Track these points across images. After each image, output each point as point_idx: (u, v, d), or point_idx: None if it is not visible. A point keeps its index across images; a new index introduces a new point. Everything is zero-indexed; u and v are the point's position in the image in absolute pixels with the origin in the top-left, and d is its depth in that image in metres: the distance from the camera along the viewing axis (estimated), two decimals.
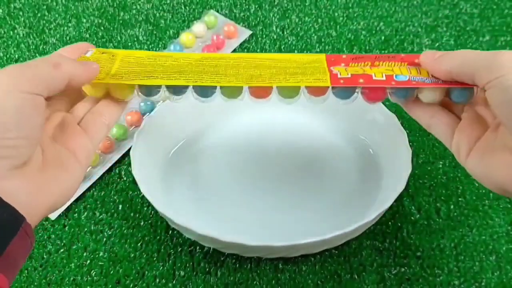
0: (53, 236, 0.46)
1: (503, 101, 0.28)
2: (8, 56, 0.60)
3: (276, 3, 0.66)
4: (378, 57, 0.36)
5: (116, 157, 0.51)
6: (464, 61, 0.31)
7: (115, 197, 0.48)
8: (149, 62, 0.37)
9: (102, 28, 0.64)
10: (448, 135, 0.34)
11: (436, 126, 0.35)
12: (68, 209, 0.47)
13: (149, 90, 0.36)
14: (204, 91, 0.35)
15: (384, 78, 0.34)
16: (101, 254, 0.44)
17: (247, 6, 0.66)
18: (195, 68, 0.36)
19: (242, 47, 0.61)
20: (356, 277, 0.43)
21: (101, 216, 0.47)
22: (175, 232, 0.46)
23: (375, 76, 0.34)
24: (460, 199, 0.47)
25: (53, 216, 0.47)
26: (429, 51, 0.34)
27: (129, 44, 0.62)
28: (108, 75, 0.35)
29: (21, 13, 0.65)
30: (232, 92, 0.35)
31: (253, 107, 0.51)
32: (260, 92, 0.35)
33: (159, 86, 0.35)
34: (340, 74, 0.35)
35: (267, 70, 0.36)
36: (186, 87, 0.35)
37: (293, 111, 0.49)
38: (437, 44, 0.61)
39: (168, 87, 0.35)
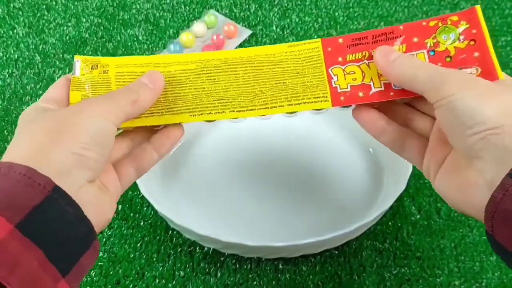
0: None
1: (448, 122, 0.29)
2: (7, 56, 0.60)
3: (276, 2, 0.66)
4: (375, 42, 0.35)
5: None
6: (416, 74, 0.31)
7: None
8: None
9: (102, 27, 0.63)
10: (419, 158, 0.34)
11: (408, 151, 0.35)
12: None
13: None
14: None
15: (382, 88, 0.34)
16: (100, 254, 0.44)
17: (247, 6, 0.66)
18: (195, 88, 0.35)
19: (242, 47, 0.61)
20: (356, 277, 0.43)
21: None
22: (175, 232, 0.45)
23: (373, 85, 0.34)
24: None
25: None
26: (384, 48, 0.33)
27: (129, 43, 0.62)
28: None
29: (20, 12, 0.65)
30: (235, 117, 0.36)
31: None
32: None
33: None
34: (340, 87, 0.34)
35: (267, 84, 0.35)
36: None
37: None
38: None
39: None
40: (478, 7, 0.33)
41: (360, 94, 0.34)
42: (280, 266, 0.43)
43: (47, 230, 0.25)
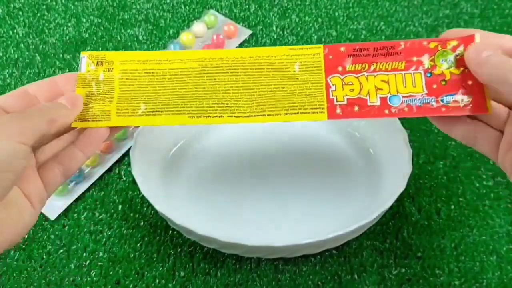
0: (52, 236, 0.45)
1: None
2: (7, 56, 0.60)
3: (276, 2, 0.66)
4: (376, 55, 0.35)
5: (115, 157, 0.50)
6: (507, 76, 0.29)
7: (114, 197, 0.48)
8: (148, 80, 0.36)
9: (102, 27, 0.63)
10: (493, 151, 0.33)
11: (479, 144, 0.34)
12: (67, 209, 0.47)
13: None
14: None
15: (378, 103, 0.34)
16: (100, 254, 0.44)
17: (247, 6, 0.66)
18: (195, 88, 0.36)
19: (242, 47, 0.61)
20: (356, 277, 0.43)
21: (100, 216, 0.47)
22: (175, 232, 0.45)
23: (369, 100, 0.34)
24: (460, 199, 0.47)
25: (52, 216, 0.47)
26: (479, 46, 0.32)
27: (129, 43, 0.62)
28: (112, 103, 0.35)
29: (20, 12, 0.65)
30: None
31: None
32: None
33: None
34: (337, 100, 0.35)
35: (266, 88, 0.35)
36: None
37: None
38: None
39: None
40: (477, 35, 0.34)
41: (356, 108, 0.35)
42: (280, 266, 0.43)
43: None
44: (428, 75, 0.34)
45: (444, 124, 0.35)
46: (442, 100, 0.34)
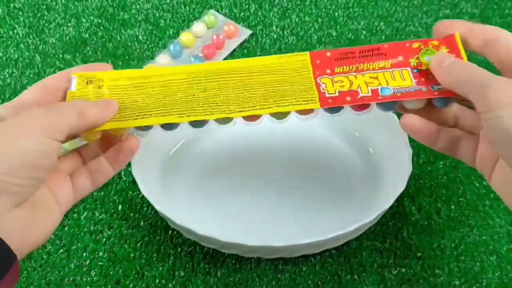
0: (52, 236, 0.45)
1: (496, 137, 0.28)
2: (7, 56, 0.60)
3: (276, 2, 0.66)
4: (362, 56, 0.36)
5: None
6: (467, 80, 0.30)
7: (114, 197, 0.48)
8: (137, 93, 0.36)
9: (102, 28, 0.63)
10: (471, 157, 0.33)
11: (459, 151, 0.34)
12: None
13: (144, 128, 0.35)
14: (198, 123, 0.35)
15: (369, 93, 0.34)
16: (100, 254, 0.44)
17: (247, 6, 0.66)
18: (185, 95, 0.35)
19: (242, 47, 0.61)
20: (356, 277, 0.43)
21: (100, 216, 0.47)
22: (175, 232, 0.45)
23: (361, 91, 0.34)
24: (460, 199, 0.47)
25: None
26: (442, 55, 0.33)
27: (129, 43, 0.62)
28: None
29: (20, 12, 0.65)
30: (224, 121, 0.35)
31: None
32: (252, 117, 0.35)
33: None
34: (328, 92, 0.35)
35: (257, 92, 0.35)
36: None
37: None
38: None
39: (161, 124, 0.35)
40: (457, 34, 0.34)
41: (348, 98, 0.35)
42: (280, 266, 0.43)
43: None
44: (415, 71, 0.35)
45: (430, 137, 0.35)
46: (432, 87, 0.34)
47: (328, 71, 0.36)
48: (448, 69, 0.32)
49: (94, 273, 0.43)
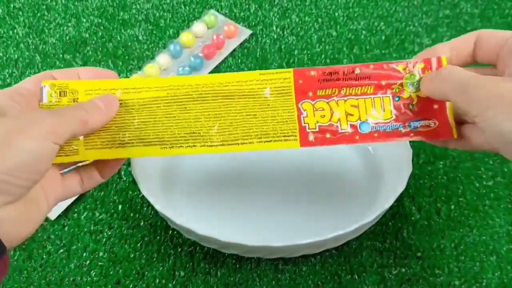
0: (52, 236, 0.46)
1: (489, 137, 0.29)
2: (7, 56, 0.60)
3: (276, 2, 0.66)
4: (345, 79, 0.36)
5: None
6: (447, 90, 0.31)
7: (115, 197, 0.48)
8: (117, 112, 0.35)
9: (102, 27, 0.63)
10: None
11: (469, 143, 0.35)
12: (67, 209, 0.47)
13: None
14: None
15: (349, 129, 0.35)
16: (100, 254, 0.44)
17: (247, 6, 0.66)
18: (166, 119, 0.35)
19: (242, 47, 0.61)
20: (356, 277, 0.43)
21: (100, 216, 0.47)
22: (175, 232, 0.45)
23: (340, 127, 0.35)
24: (460, 199, 0.47)
25: (52, 216, 0.47)
26: (427, 76, 0.34)
27: (129, 43, 0.62)
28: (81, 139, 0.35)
29: (20, 12, 0.65)
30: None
31: None
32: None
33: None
34: (309, 127, 0.35)
35: (238, 117, 0.35)
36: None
37: None
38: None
39: None
40: (444, 58, 0.35)
41: (328, 135, 0.35)
42: (280, 266, 0.43)
43: None
44: (396, 99, 0.35)
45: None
46: (409, 126, 0.35)
47: (310, 94, 0.36)
48: (433, 81, 0.33)
49: (94, 273, 0.43)
